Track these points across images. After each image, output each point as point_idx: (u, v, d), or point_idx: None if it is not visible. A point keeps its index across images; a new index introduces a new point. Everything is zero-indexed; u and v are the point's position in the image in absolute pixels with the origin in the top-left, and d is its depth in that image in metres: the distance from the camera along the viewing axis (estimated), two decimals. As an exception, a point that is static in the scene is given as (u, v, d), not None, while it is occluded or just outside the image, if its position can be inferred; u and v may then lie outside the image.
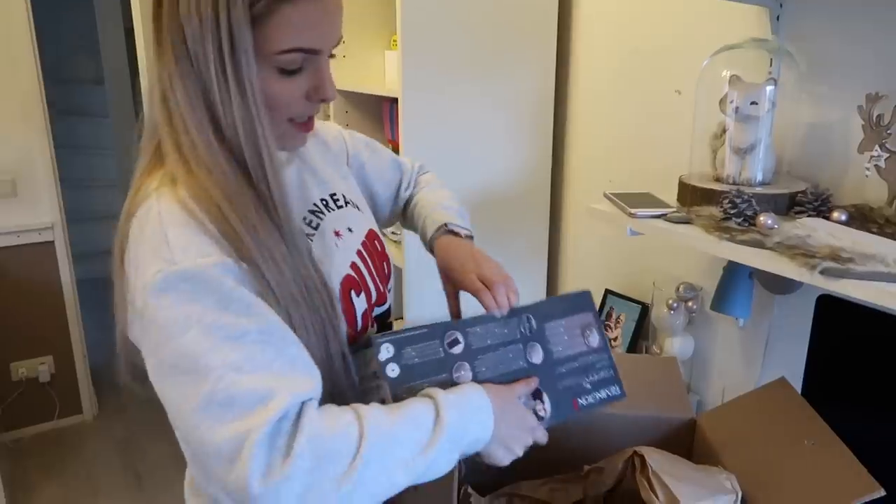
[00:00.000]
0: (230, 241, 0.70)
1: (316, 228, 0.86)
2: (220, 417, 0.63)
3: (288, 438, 0.63)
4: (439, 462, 0.72)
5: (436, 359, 0.83)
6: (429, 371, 0.82)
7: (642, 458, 0.98)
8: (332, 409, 0.69)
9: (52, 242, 2.87)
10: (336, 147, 1.01)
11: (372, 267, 0.91)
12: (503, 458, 0.81)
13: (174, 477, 2.87)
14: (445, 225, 0.99)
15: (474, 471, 0.90)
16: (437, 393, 0.75)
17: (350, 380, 0.81)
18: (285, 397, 0.64)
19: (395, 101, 1.65)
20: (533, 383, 0.87)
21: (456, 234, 0.99)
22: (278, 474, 0.62)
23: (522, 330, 0.89)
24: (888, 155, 1.07)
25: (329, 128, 1.03)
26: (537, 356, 0.89)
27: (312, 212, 0.87)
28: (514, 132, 1.73)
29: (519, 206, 1.79)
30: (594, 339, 0.93)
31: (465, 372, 0.84)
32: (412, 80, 1.55)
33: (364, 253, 0.92)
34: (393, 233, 1.83)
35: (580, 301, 0.95)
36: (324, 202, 0.90)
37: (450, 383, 0.81)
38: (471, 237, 1.01)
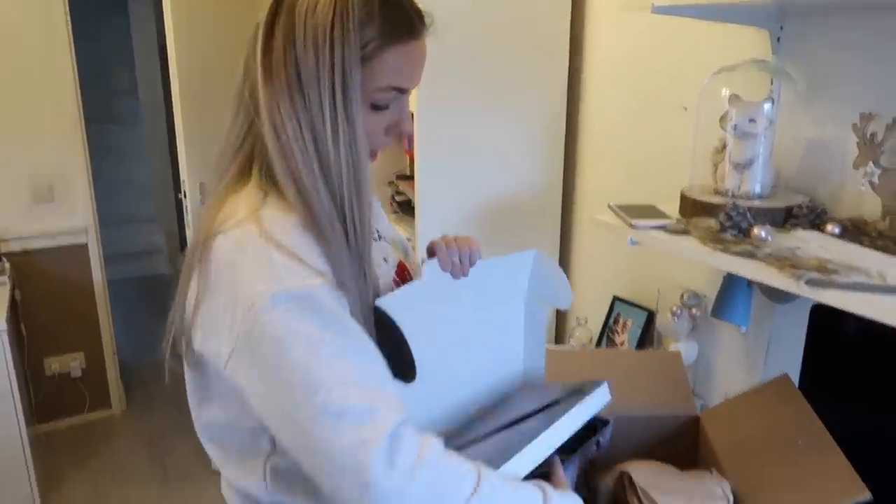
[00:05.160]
0: (329, 265, 0.75)
1: None
2: (335, 427, 0.67)
3: (414, 452, 0.68)
4: None
5: None
6: None
7: (630, 476, 1.02)
8: (448, 450, 0.73)
9: (86, 245, 3.00)
10: None
11: None
12: None
13: (199, 470, 2.98)
14: None
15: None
16: (547, 487, 0.79)
17: None
18: (391, 414, 0.69)
19: (411, 114, 1.72)
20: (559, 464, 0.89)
21: None
22: (401, 476, 0.66)
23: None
24: (881, 171, 1.12)
25: None
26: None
27: None
28: (527, 146, 1.79)
29: (531, 217, 1.85)
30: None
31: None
32: (428, 95, 1.62)
33: (399, 282, 0.98)
34: (408, 238, 1.90)
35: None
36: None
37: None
38: None
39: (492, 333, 1.07)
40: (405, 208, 2.00)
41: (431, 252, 0.97)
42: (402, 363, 0.88)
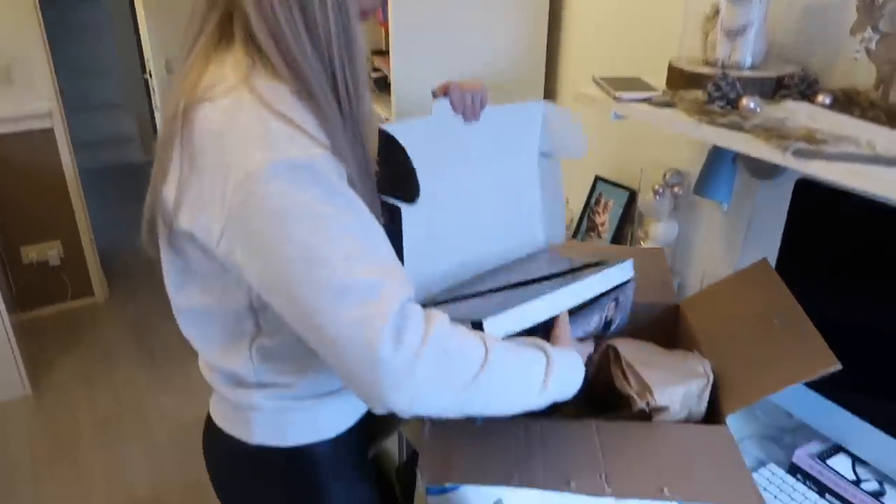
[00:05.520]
0: (326, 135, 0.71)
1: None
2: (339, 303, 0.65)
3: (420, 330, 0.67)
4: (539, 404, 0.79)
5: None
6: None
7: (615, 349, 1.04)
8: (455, 324, 0.72)
9: (52, 130, 2.89)
10: None
11: None
12: None
13: (185, 353, 3.03)
14: None
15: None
16: (547, 346, 0.81)
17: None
18: (397, 290, 0.67)
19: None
20: (566, 319, 0.91)
21: None
22: (411, 355, 0.66)
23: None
24: (879, 36, 1.06)
25: None
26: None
27: None
28: (508, 17, 1.68)
29: (513, 93, 1.77)
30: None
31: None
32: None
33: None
34: (385, 119, 1.83)
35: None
36: None
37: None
38: None
39: (504, 189, 1.05)
40: (381, 86, 1.91)
41: (441, 93, 0.94)
42: (407, 185, 0.86)
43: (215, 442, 0.95)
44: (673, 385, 0.96)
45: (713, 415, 0.98)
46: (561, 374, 0.80)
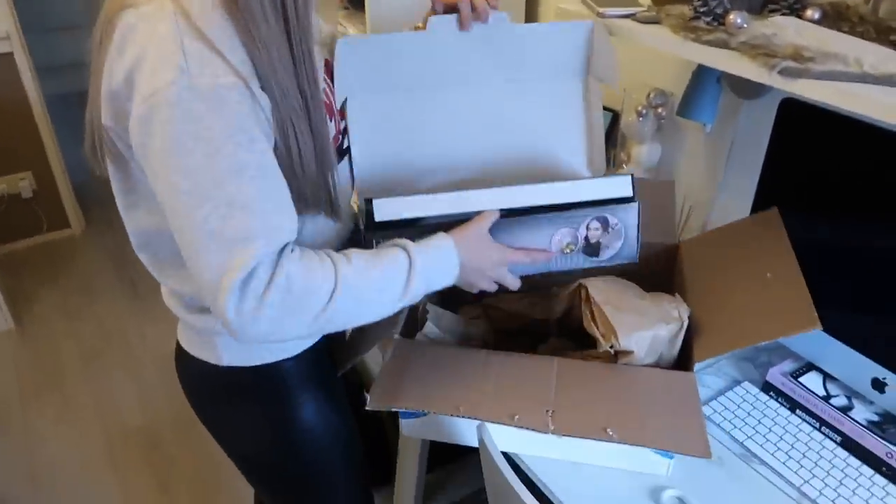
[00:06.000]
0: (249, 56, 0.68)
1: None
2: (207, 245, 0.68)
3: (264, 283, 0.69)
4: (404, 305, 0.81)
5: None
6: None
7: (586, 289, 1.02)
8: (310, 255, 0.73)
9: (11, 54, 2.75)
10: None
11: (334, 99, 0.93)
12: (470, 289, 0.91)
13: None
14: None
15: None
16: (411, 248, 0.80)
17: (336, 197, 0.85)
18: (263, 245, 0.69)
19: None
20: (493, 215, 0.89)
21: None
22: (249, 314, 0.69)
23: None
24: (872, -53, 1.01)
25: None
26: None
27: None
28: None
29: (493, 9, 1.70)
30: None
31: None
32: None
33: (329, 81, 0.92)
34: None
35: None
36: None
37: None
38: None
39: (539, 115, 1.03)
40: (355, 3, 1.82)
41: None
42: None
43: (187, 367, 0.97)
44: (641, 329, 0.95)
45: (685, 359, 0.97)
46: (425, 272, 0.80)
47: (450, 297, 1.14)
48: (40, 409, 2.25)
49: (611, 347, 0.95)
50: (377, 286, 0.77)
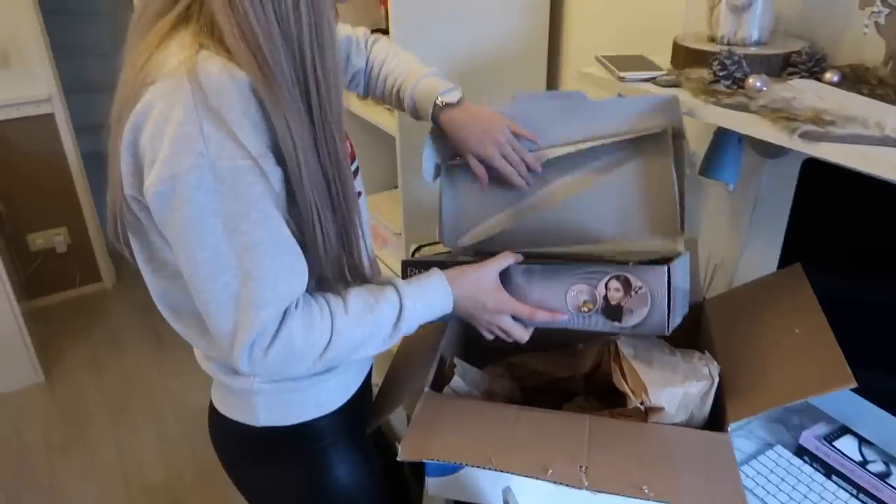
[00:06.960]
0: (269, 137, 0.72)
1: None
2: (226, 306, 0.74)
3: (270, 338, 0.76)
4: (392, 343, 0.88)
5: None
6: None
7: (616, 344, 1.02)
8: (311, 308, 0.79)
9: (52, 115, 2.87)
10: None
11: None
12: (476, 325, 0.94)
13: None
14: (440, 98, 1.02)
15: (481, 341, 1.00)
16: (404, 289, 0.86)
17: (361, 258, 0.87)
18: (273, 310, 0.75)
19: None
20: (508, 258, 0.93)
21: (455, 103, 1.03)
22: (258, 362, 0.77)
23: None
24: (889, 10, 1.03)
25: None
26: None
27: None
28: (509, -9, 1.65)
29: (515, 72, 1.74)
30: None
31: None
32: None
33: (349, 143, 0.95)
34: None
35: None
36: None
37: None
38: (461, 96, 1.05)
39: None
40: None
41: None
42: None
43: (221, 428, 0.98)
44: (671, 386, 0.94)
45: (718, 419, 0.95)
46: (414, 312, 0.86)
47: (476, 354, 1.15)
48: (66, 461, 2.26)
49: (641, 404, 0.94)
50: (369, 332, 0.83)
